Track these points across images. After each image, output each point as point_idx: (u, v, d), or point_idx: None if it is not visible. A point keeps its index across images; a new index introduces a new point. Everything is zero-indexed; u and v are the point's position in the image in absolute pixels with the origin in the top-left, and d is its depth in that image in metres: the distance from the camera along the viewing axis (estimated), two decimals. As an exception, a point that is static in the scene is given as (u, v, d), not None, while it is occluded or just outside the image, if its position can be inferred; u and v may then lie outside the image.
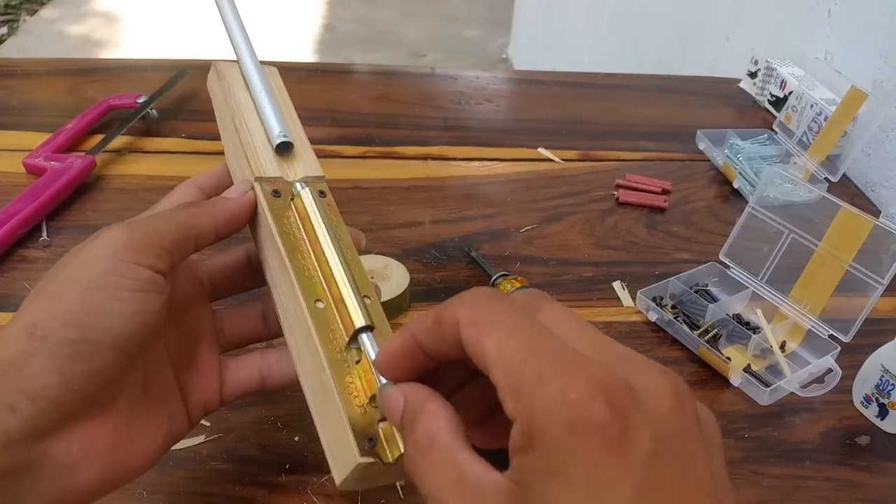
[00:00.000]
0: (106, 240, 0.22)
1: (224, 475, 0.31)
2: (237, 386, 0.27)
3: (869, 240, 0.39)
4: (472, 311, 0.17)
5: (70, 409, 0.20)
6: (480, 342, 0.16)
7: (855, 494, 0.34)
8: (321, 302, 0.23)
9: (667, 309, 0.43)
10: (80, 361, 0.20)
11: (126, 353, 0.21)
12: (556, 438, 0.15)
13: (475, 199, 0.53)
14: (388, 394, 0.20)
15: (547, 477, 0.15)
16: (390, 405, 0.19)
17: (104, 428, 0.22)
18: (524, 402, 0.15)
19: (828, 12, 0.67)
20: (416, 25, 2.52)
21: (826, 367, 0.39)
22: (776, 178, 0.44)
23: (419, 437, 0.17)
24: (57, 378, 0.20)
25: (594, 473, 0.14)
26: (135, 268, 0.22)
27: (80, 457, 0.21)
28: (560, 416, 0.15)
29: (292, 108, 0.29)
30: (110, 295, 0.21)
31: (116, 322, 0.21)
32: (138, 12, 2.44)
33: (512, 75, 0.91)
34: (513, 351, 0.16)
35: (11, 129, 0.57)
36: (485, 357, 0.16)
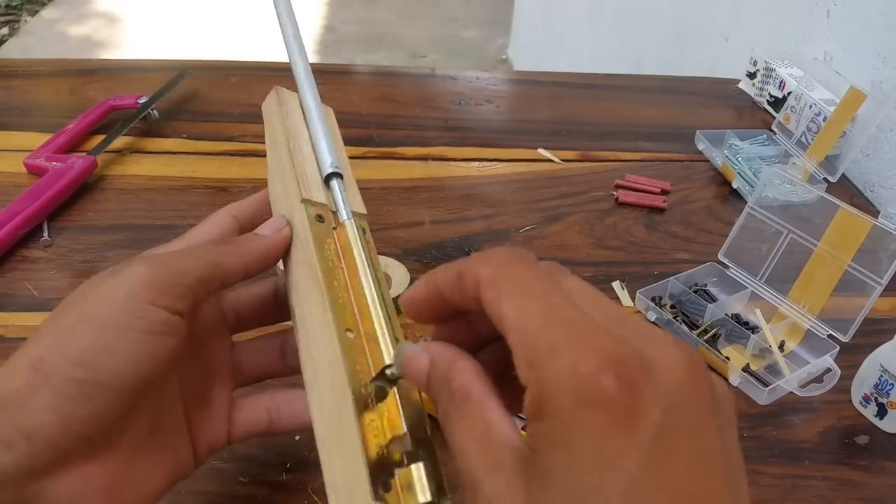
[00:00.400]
0: (127, 276, 0.21)
1: (225, 474, 0.31)
2: (245, 428, 0.26)
3: (868, 240, 0.39)
4: (493, 272, 0.17)
5: (67, 449, 0.20)
6: (499, 305, 0.17)
7: (854, 494, 0.34)
8: (351, 332, 0.22)
9: (666, 309, 0.43)
10: (82, 402, 0.20)
11: (129, 395, 0.21)
12: (566, 411, 0.15)
13: (475, 200, 0.53)
14: (410, 353, 0.19)
15: (555, 447, 0.15)
16: (415, 364, 0.19)
17: (102, 469, 0.21)
18: (536, 372, 0.15)
19: (827, 13, 0.67)
20: (416, 26, 2.52)
21: (825, 366, 0.39)
22: (775, 178, 0.45)
23: (456, 392, 0.17)
24: (57, 418, 0.19)
25: (601, 447, 0.14)
26: (153, 309, 0.21)
27: (75, 497, 0.20)
28: (570, 390, 0.15)
29: (343, 147, 0.29)
30: (122, 336, 0.20)
31: (124, 364, 0.20)
32: (139, 13, 2.44)
33: (512, 76, 0.91)
34: (530, 317, 0.16)
35: (13, 129, 0.57)
36: (502, 320, 0.16)
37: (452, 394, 0.17)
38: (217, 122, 0.59)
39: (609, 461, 0.14)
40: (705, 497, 0.14)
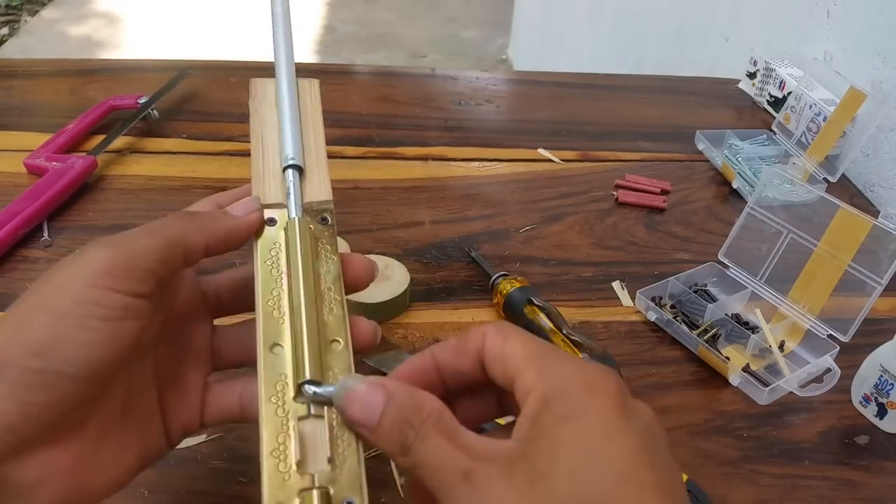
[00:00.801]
0: (83, 262, 0.21)
1: (225, 474, 0.31)
2: (218, 413, 0.26)
3: (868, 240, 0.39)
4: (497, 327, 0.21)
5: (28, 436, 0.20)
6: (505, 345, 0.20)
7: (854, 494, 0.34)
8: (279, 346, 0.22)
9: (666, 309, 0.43)
10: (41, 391, 0.19)
11: (90, 383, 0.20)
12: (575, 393, 0.19)
13: (475, 200, 0.53)
14: (357, 389, 0.20)
15: (563, 421, 0.18)
16: (365, 399, 0.20)
17: (67, 452, 0.21)
18: (544, 375, 0.19)
19: (827, 13, 0.67)
20: (416, 26, 2.52)
21: (825, 366, 0.39)
22: (775, 178, 0.45)
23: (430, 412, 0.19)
24: (15, 406, 0.19)
25: (606, 421, 0.18)
26: (110, 294, 0.20)
27: (39, 481, 0.20)
28: (578, 380, 0.19)
29: (321, 125, 0.28)
30: (79, 324, 0.20)
31: (81, 352, 0.20)
32: (139, 13, 2.44)
33: (512, 76, 0.91)
34: (534, 348, 0.20)
35: (13, 129, 0.57)
36: (507, 354, 0.20)
37: (427, 415, 0.19)
38: (217, 122, 0.59)
39: (613, 433, 0.18)
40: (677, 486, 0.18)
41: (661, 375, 0.39)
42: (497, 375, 0.21)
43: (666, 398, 0.38)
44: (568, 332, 0.38)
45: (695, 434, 0.36)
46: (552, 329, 0.38)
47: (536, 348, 0.20)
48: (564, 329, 0.38)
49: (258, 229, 0.24)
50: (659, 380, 0.39)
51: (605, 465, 0.17)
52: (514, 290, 0.41)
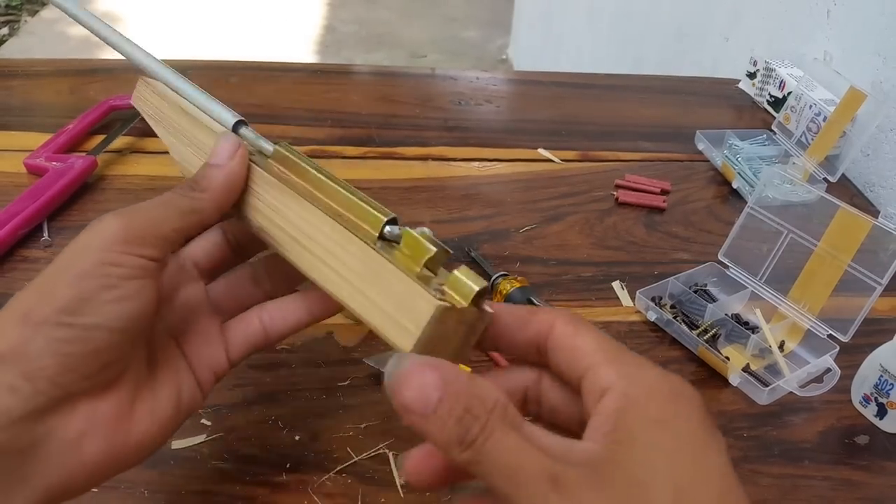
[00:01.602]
0: (100, 230, 0.22)
1: (225, 474, 0.31)
2: (243, 345, 0.27)
3: (868, 240, 0.39)
4: (569, 316, 0.21)
5: (69, 387, 0.21)
6: (577, 337, 0.20)
7: (854, 494, 0.34)
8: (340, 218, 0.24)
9: (666, 309, 0.43)
10: (78, 343, 0.21)
11: (122, 334, 0.21)
12: (663, 398, 0.18)
13: (475, 200, 0.53)
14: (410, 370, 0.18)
15: (654, 426, 0.18)
16: (419, 382, 0.17)
17: (106, 404, 0.22)
18: (624, 374, 0.19)
19: (827, 13, 0.67)
20: (416, 26, 2.52)
21: (825, 366, 0.39)
22: (775, 178, 0.45)
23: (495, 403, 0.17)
24: (55, 360, 0.20)
25: (697, 432, 0.18)
26: (127, 257, 0.22)
27: (83, 432, 0.21)
28: (664, 385, 0.19)
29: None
30: (101, 283, 0.21)
31: (109, 307, 0.21)
32: (139, 13, 2.44)
33: (512, 76, 0.91)
34: (608, 346, 0.20)
35: (13, 129, 0.57)
36: (579, 347, 0.20)
37: (491, 407, 0.17)
38: (217, 122, 0.59)
39: (707, 448, 0.18)
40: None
41: (661, 375, 0.39)
42: (561, 365, 0.20)
43: (666, 398, 0.38)
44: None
45: (695, 434, 0.36)
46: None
47: (611, 346, 0.20)
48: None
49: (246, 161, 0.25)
50: (659, 380, 0.39)
51: (707, 482, 0.17)
52: (514, 290, 0.41)
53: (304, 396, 0.35)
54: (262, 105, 0.63)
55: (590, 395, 0.19)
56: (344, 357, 0.38)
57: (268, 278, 0.28)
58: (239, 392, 0.35)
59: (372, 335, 0.39)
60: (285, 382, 0.36)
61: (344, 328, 0.40)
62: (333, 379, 0.36)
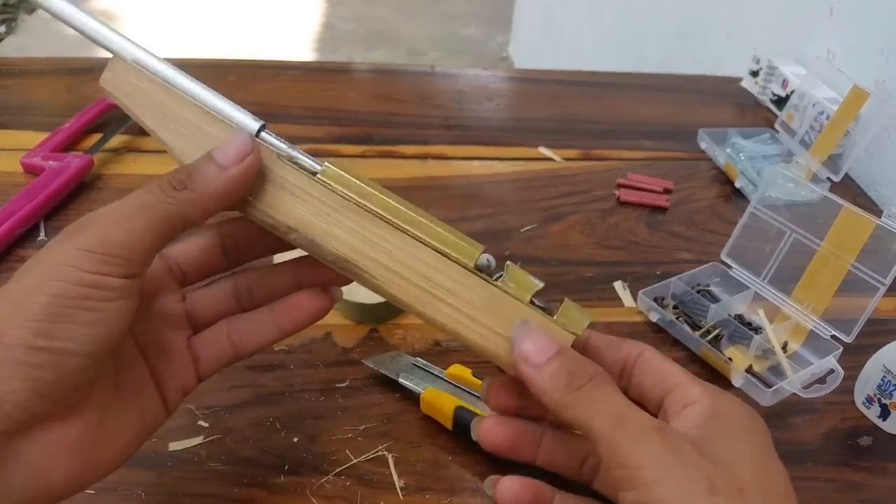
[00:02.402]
0: (76, 248, 0.20)
1: (222, 476, 0.31)
2: (212, 361, 0.26)
3: (871, 240, 0.38)
4: (659, 353, 0.25)
5: (37, 411, 0.20)
6: (665, 361, 0.25)
7: (857, 495, 0.34)
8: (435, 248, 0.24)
9: (668, 309, 0.42)
10: (49, 369, 0.20)
11: (95, 358, 0.21)
12: (743, 419, 0.23)
13: (475, 199, 0.53)
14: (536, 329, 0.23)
15: (740, 434, 0.22)
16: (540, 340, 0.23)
17: (73, 428, 0.21)
18: (709, 394, 0.23)
19: (830, 11, 0.66)
20: (415, 24, 2.52)
21: (828, 367, 0.39)
22: (778, 177, 0.44)
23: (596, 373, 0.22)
24: (24, 384, 0.19)
25: (768, 449, 0.23)
26: (107, 279, 0.20)
27: (50, 456, 0.21)
28: (743, 410, 0.23)
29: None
30: (78, 304, 0.20)
31: (84, 330, 0.20)
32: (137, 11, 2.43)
33: (512, 74, 0.91)
34: (692, 375, 0.24)
35: (9, 128, 0.56)
36: (667, 369, 0.24)
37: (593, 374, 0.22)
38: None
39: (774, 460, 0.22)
40: None
41: (663, 376, 0.39)
42: (646, 383, 0.24)
43: (668, 399, 0.37)
44: (569, 333, 0.37)
45: (697, 436, 0.36)
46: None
47: (692, 374, 0.24)
48: (565, 330, 0.38)
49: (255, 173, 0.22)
50: (661, 381, 0.39)
51: (776, 477, 0.22)
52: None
53: (302, 398, 0.35)
54: (260, 103, 0.62)
55: (673, 405, 0.23)
56: (342, 358, 0.38)
57: (249, 296, 0.26)
58: (236, 393, 0.35)
59: (370, 336, 0.39)
60: (283, 384, 0.36)
61: (342, 329, 0.39)
62: (332, 380, 0.36)
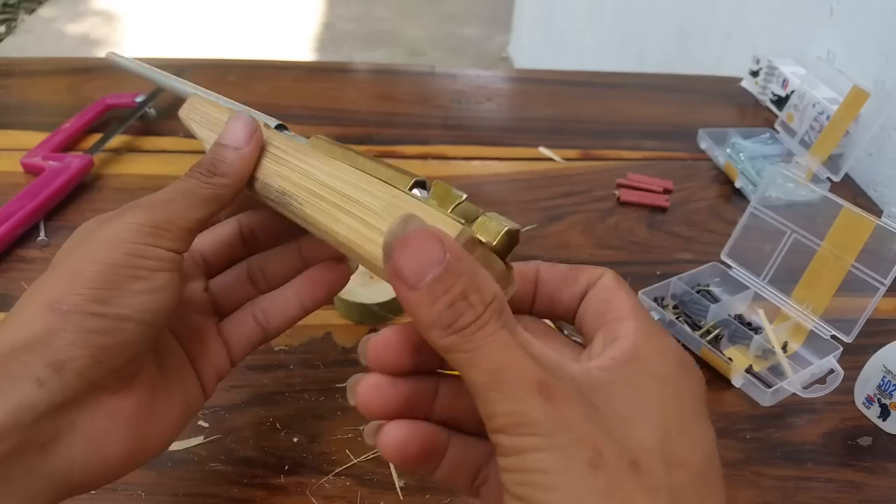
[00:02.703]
0: (127, 222, 0.22)
1: (223, 476, 0.31)
2: (243, 343, 0.27)
3: (871, 240, 0.38)
4: (616, 278, 0.21)
5: (96, 381, 0.20)
6: (619, 291, 0.20)
7: (857, 496, 0.34)
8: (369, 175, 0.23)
9: (668, 309, 0.42)
10: (107, 335, 0.20)
11: (150, 327, 0.21)
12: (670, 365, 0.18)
13: (475, 199, 0.52)
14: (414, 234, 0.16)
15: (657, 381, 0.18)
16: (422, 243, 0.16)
17: (127, 400, 0.22)
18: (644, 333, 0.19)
19: (830, 11, 0.66)
20: (415, 24, 2.52)
21: (828, 367, 0.39)
22: (778, 177, 0.44)
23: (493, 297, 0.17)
24: (84, 351, 0.20)
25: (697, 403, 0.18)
26: (155, 250, 0.22)
27: (107, 430, 0.21)
28: (675, 356, 0.19)
29: None
30: (132, 273, 0.21)
31: (138, 298, 0.21)
32: (137, 11, 2.43)
33: (512, 74, 0.91)
34: (643, 311, 0.20)
35: (9, 128, 0.57)
36: (617, 300, 0.20)
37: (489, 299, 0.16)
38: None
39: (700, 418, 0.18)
40: None
41: (663, 376, 0.39)
42: (590, 312, 0.20)
43: (668, 400, 0.37)
44: (569, 333, 0.37)
45: (697, 436, 0.36)
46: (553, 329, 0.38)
47: (645, 313, 0.20)
48: (566, 330, 0.38)
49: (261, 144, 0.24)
50: (661, 381, 0.39)
51: (693, 446, 0.17)
52: (514, 291, 0.40)
53: (302, 398, 0.35)
54: (261, 103, 0.62)
55: (598, 344, 0.19)
56: (342, 358, 0.38)
57: (262, 277, 0.27)
58: (237, 393, 0.35)
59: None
60: (283, 384, 0.36)
61: (342, 329, 0.39)
62: (332, 380, 0.36)
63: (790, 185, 0.46)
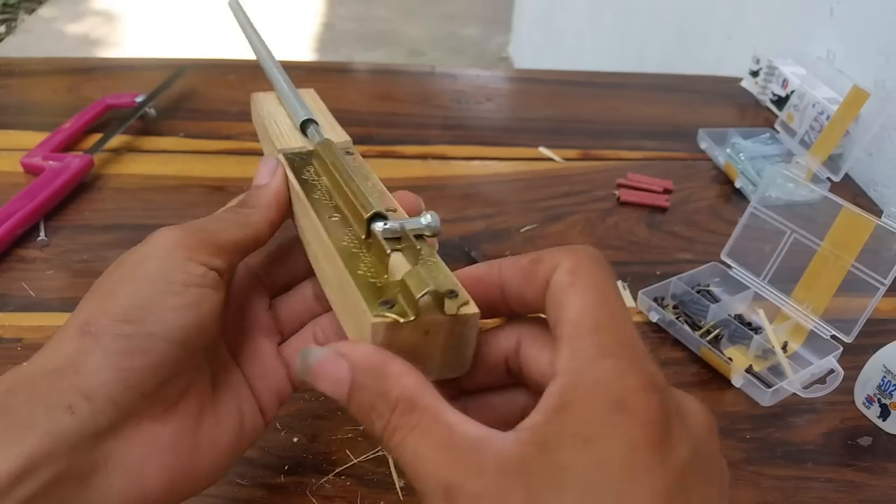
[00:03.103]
0: (160, 238, 0.22)
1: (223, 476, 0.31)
2: None
3: (871, 240, 0.38)
4: (577, 262, 0.17)
5: (129, 407, 0.19)
6: (570, 291, 0.17)
7: (856, 496, 0.34)
8: (336, 215, 0.23)
9: (668, 309, 0.42)
10: (136, 356, 0.19)
11: (182, 347, 0.20)
12: (601, 410, 0.15)
13: (475, 199, 0.53)
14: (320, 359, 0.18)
15: (578, 443, 0.15)
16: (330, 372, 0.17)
17: (167, 427, 0.21)
18: (578, 363, 0.15)
19: (830, 11, 0.66)
20: (415, 24, 2.52)
21: (828, 367, 0.39)
22: (778, 177, 0.44)
23: (399, 401, 0.16)
24: (113, 374, 0.19)
25: (631, 457, 0.14)
26: (188, 263, 0.21)
27: (145, 458, 0.20)
28: (612, 391, 0.15)
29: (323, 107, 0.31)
30: (163, 289, 0.20)
31: (170, 315, 0.20)
32: (137, 11, 2.43)
33: (512, 74, 0.91)
34: (595, 313, 0.16)
35: (9, 128, 0.57)
36: (564, 306, 0.17)
37: (394, 404, 0.17)
38: (214, 121, 0.59)
39: (638, 473, 0.14)
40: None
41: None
42: (550, 320, 0.17)
43: (668, 400, 0.37)
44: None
45: (697, 436, 0.36)
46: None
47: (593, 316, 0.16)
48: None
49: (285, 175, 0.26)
50: (661, 381, 0.39)
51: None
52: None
53: (302, 398, 0.35)
54: (261, 103, 0.62)
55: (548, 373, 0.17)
56: (343, 358, 0.38)
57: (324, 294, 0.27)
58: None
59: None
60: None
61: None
62: (332, 380, 0.36)
63: (790, 185, 0.46)
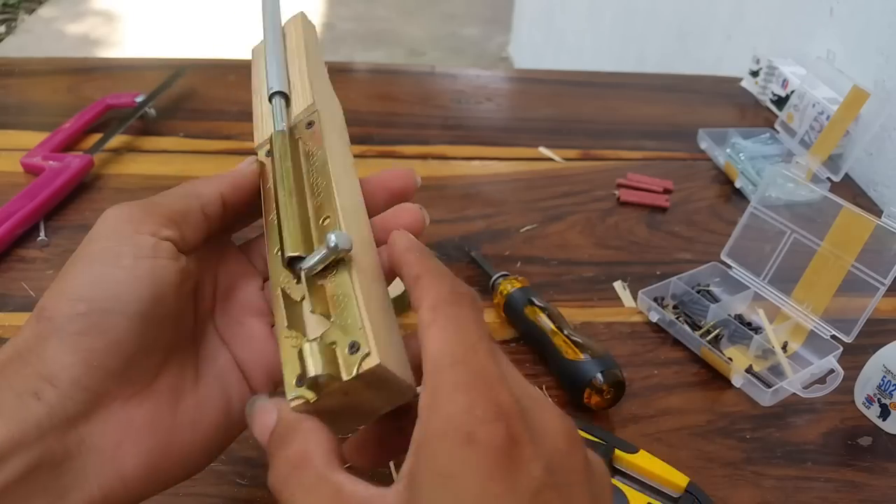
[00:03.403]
0: (108, 215, 0.22)
1: (223, 476, 0.31)
2: None
3: (871, 240, 0.38)
4: (437, 298, 0.18)
5: (97, 389, 0.19)
6: (430, 330, 0.18)
7: (856, 495, 0.34)
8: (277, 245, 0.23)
9: (668, 309, 0.42)
10: (94, 335, 0.19)
11: (142, 320, 0.20)
12: (454, 444, 0.16)
13: (475, 199, 0.53)
14: (260, 405, 0.21)
15: (439, 480, 0.15)
16: (259, 419, 0.20)
17: (140, 408, 0.20)
18: (434, 400, 0.16)
19: (830, 11, 0.66)
20: (415, 24, 2.52)
21: (828, 367, 0.39)
22: (778, 177, 0.44)
23: (292, 455, 0.18)
24: (75, 357, 0.19)
25: (485, 486, 0.15)
26: (136, 236, 0.21)
27: (119, 442, 0.20)
28: (462, 426, 0.16)
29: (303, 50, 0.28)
30: (112, 262, 0.20)
31: (122, 288, 0.20)
32: (137, 11, 2.43)
33: (512, 74, 0.91)
34: (450, 350, 0.17)
35: (9, 128, 0.57)
36: (425, 344, 0.18)
37: (289, 457, 0.18)
38: (214, 121, 0.59)
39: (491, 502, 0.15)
40: None
41: (663, 377, 0.39)
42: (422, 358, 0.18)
43: (668, 399, 0.37)
44: (569, 333, 0.37)
45: (697, 436, 0.36)
46: (553, 330, 0.38)
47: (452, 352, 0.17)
48: (566, 330, 0.38)
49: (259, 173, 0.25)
50: (661, 381, 0.39)
51: None
52: (514, 291, 0.40)
53: (302, 398, 0.35)
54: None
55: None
56: (343, 358, 0.38)
57: None
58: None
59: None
60: (284, 384, 0.36)
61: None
62: (332, 380, 0.36)
63: (790, 185, 0.46)
